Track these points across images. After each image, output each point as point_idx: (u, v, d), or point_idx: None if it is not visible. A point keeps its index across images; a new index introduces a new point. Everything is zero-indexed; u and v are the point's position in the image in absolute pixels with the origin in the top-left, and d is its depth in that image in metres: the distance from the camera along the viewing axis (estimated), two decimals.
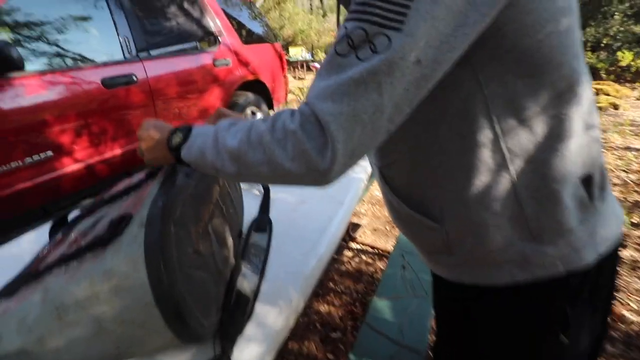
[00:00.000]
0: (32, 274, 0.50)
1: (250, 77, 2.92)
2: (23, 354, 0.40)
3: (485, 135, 0.42)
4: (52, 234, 0.75)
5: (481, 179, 0.44)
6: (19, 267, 0.65)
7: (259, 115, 3.14)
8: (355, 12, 0.35)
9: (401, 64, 0.33)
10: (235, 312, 0.56)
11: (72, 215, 0.75)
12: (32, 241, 0.81)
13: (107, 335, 0.40)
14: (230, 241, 0.62)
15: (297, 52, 9.03)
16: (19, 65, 1.50)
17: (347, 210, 0.96)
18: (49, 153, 1.70)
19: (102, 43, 1.97)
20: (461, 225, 0.47)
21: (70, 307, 0.40)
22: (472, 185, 0.44)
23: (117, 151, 2.00)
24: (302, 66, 9.01)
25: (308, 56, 9.28)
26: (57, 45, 1.77)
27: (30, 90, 1.60)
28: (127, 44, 2.05)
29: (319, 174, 0.36)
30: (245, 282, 0.62)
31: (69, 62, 1.80)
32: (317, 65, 8.18)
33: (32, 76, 1.62)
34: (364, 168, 1.20)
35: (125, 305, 0.40)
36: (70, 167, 1.79)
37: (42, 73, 1.66)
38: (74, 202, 1.92)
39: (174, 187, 0.49)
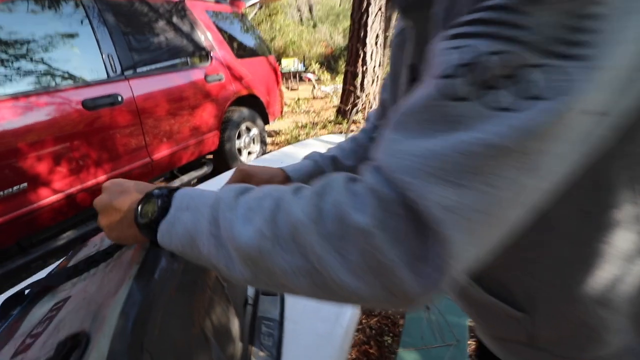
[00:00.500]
0: None
1: (244, 92, 2.78)
2: None
3: (623, 212, 0.28)
4: (2, 315, 0.58)
5: (607, 269, 0.30)
6: None
7: (254, 132, 2.99)
8: (486, 22, 0.20)
9: (579, 119, 0.19)
10: None
11: (32, 287, 0.59)
12: None
13: None
14: (235, 328, 0.47)
15: (289, 64, 8.96)
16: None
17: None
18: (23, 185, 1.52)
19: (83, 62, 1.82)
20: (561, 321, 0.35)
21: None
22: (590, 276, 0.31)
23: (101, 178, 1.83)
24: (294, 77, 8.94)
25: (300, 67, 9.22)
26: (33, 66, 1.61)
27: (1, 117, 1.43)
28: (112, 62, 1.90)
29: (404, 297, 0.21)
30: None
31: (46, 83, 1.64)
32: (309, 76, 8.10)
33: (3, 101, 1.45)
34: None
35: None
36: (48, 198, 1.62)
37: (15, 97, 1.49)
38: (54, 236, 1.74)
39: (152, 281, 0.34)
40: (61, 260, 0.64)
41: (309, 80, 7.96)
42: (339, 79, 6.45)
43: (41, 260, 1.67)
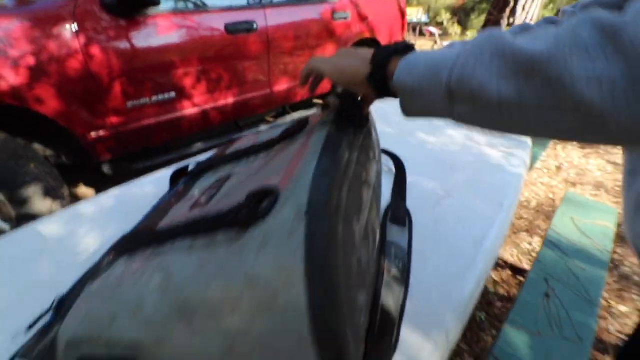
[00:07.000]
0: (151, 235, 0.41)
1: (367, 35, 2.66)
2: (138, 349, 0.30)
3: None
4: (172, 182, 0.69)
5: None
6: (137, 212, 0.59)
7: None
8: None
9: None
10: (383, 340, 0.40)
11: (192, 166, 0.68)
12: (153, 183, 0.77)
13: (237, 358, 0.28)
14: (377, 236, 0.46)
15: (413, 13, 8.22)
16: (155, 1, 1.53)
17: (507, 216, 0.72)
18: (172, 94, 1.76)
19: None
20: None
21: (198, 310, 0.28)
22: None
23: (230, 100, 2.01)
24: (413, 30, 8.24)
25: (424, 18, 8.38)
26: None
27: (162, 30, 1.63)
28: None
29: None
30: (390, 297, 0.46)
31: (196, 4, 1.79)
32: (431, 29, 7.35)
33: (164, 15, 1.64)
34: (522, 161, 0.92)
35: (269, 329, 0.26)
36: (189, 110, 1.86)
37: (173, 13, 1.68)
38: (189, 143, 2.01)
39: (338, 159, 0.34)
40: (216, 150, 0.72)
41: (430, 34, 7.25)
42: (471, 33, 5.69)
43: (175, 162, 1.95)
